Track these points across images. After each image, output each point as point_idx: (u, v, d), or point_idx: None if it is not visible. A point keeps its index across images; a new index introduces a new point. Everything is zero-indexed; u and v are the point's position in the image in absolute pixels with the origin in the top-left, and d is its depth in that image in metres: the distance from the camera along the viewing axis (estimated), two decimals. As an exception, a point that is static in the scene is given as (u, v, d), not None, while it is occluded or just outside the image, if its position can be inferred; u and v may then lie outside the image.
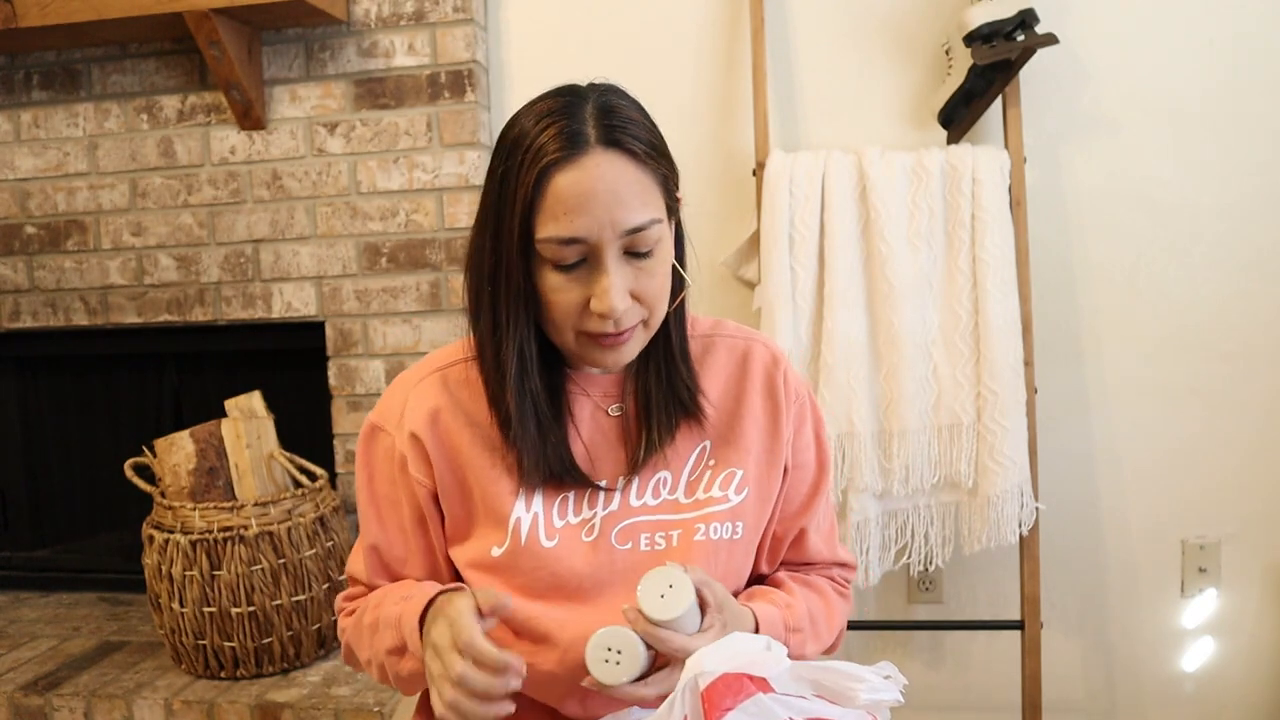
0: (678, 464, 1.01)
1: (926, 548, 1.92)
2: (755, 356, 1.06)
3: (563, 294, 0.90)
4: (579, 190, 0.86)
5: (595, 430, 1.01)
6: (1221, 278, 1.99)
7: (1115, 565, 2.08)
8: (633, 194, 0.88)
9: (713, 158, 2.11)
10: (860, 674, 0.87)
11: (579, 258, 0.89)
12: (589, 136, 0.87)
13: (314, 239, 2.17)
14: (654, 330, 0.96)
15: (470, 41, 2.07)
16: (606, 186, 0.87)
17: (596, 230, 0.87)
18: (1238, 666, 2.06)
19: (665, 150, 0.94)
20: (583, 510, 0.98)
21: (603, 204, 0.87)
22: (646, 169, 0.89)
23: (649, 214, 0.89)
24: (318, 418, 2.24)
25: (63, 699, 1.89)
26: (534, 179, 0.87)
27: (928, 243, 1.89)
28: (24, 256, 2.31)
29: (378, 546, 1.03)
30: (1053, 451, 2.03)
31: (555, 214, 0.87)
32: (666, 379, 1.00)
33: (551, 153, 0.87)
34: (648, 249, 0.90)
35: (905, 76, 2.03)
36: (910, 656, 2.14)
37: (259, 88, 2.14)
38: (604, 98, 0.91)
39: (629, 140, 0.88)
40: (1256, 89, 1.95)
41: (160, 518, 1.91)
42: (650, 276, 0.91)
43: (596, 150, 0.87)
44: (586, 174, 0.86)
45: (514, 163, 0.89)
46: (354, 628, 1.03)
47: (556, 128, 0.88)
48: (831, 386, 1.87)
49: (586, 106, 0.90)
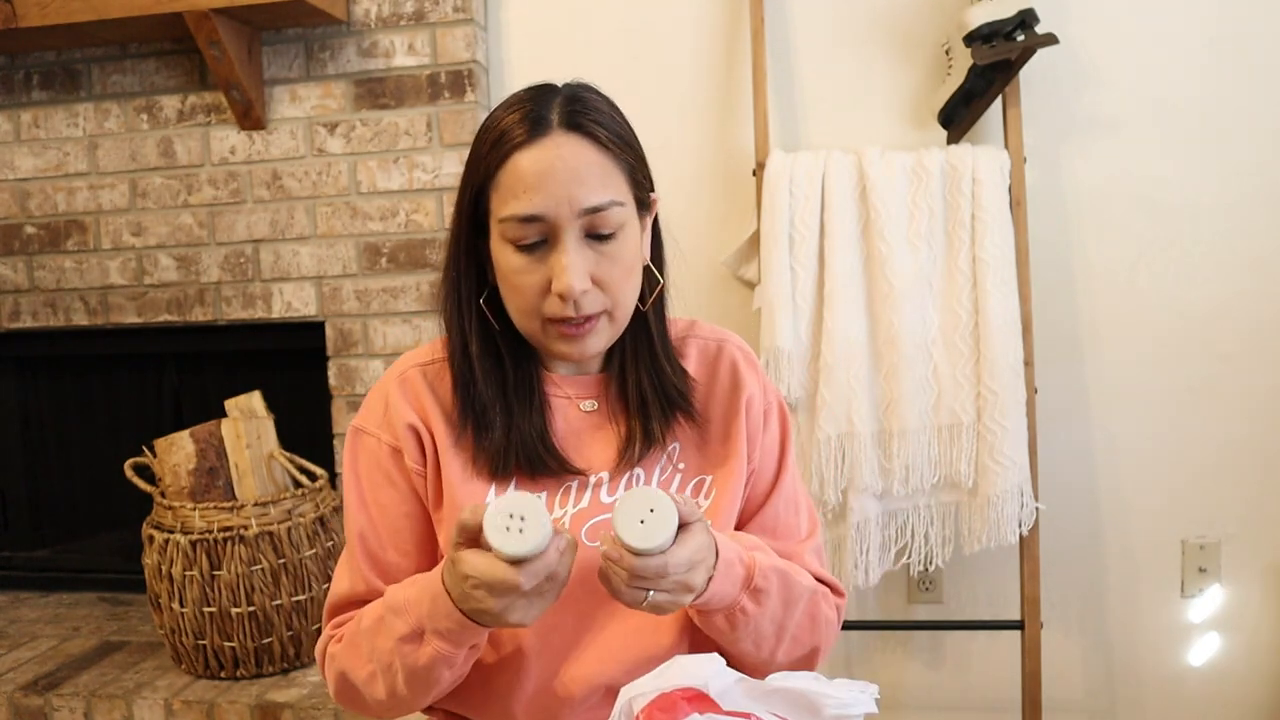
0: (651, 462, 1.00)
1: (926, 548, 1.92)
2: (725, 358, 1.05)
3: (525, 276, 0.91)
4: (538, 168, 0.88)
5: (568, 427, 1.00)
6: (1221, 278, 1.99)
7: (1115, 565, 2.08)
8: (592, 174, 0.89)
9: (713, 158, 2.11)
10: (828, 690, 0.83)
11: (539, 237, 0.90)
12: (551, 120, 0.90)
13: (314, 239, 2.17)
14: (621, 326, 0.96)
15: (470, 41, 2.07)
16: (565, 165, 0.88)
17: (554, 207, 0.88)
18: (1238, 667, 2.06)
19: (634, 143, 0.94)
20: (554, 508, 0.97)
21: (560, 181, 0.88)
22: (609, 154, 0.90)
23: (608, 195, 0.90)
24: (318, 418, 2.24)
25: (63, 699, 1.89)
26: (497, 160, 0.90)
27: (928, 243, 1.89)
28: (24, 256, 2.31)
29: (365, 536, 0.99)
30: (1053, 451, 2.03)
31: (515, 192, 0.89)
32: (657, 377, 1.00)
33: (515, 136, 0.89)
34: (609, 231, 0.90)
35: (905, 76, 2.03)
36: (910, 656, 2.14)
37: (259, 88, 2.14)
38: (574, 90, 0.94)
39: (591, 125, 0.90)
40: (1256, 89, 1.95)
41: (160, 518, 1.91)
42: (612, 262, 0.91)
43: (558, 132, 0.89)
44: (546, 153, 0.88)
45: (482, 149, 0.92)
46: (348, 642, 0.96)
47: (521, 113, 0.90)
48: (831, 386, 1.87)
49: (556, 97, 0.92)
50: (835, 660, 2.14)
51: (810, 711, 0.83)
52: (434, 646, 0.87)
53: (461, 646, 0.88)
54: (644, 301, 0.99)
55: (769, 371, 1.88)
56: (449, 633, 0.86)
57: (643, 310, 0.99)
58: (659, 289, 1.00)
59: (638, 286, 0.96)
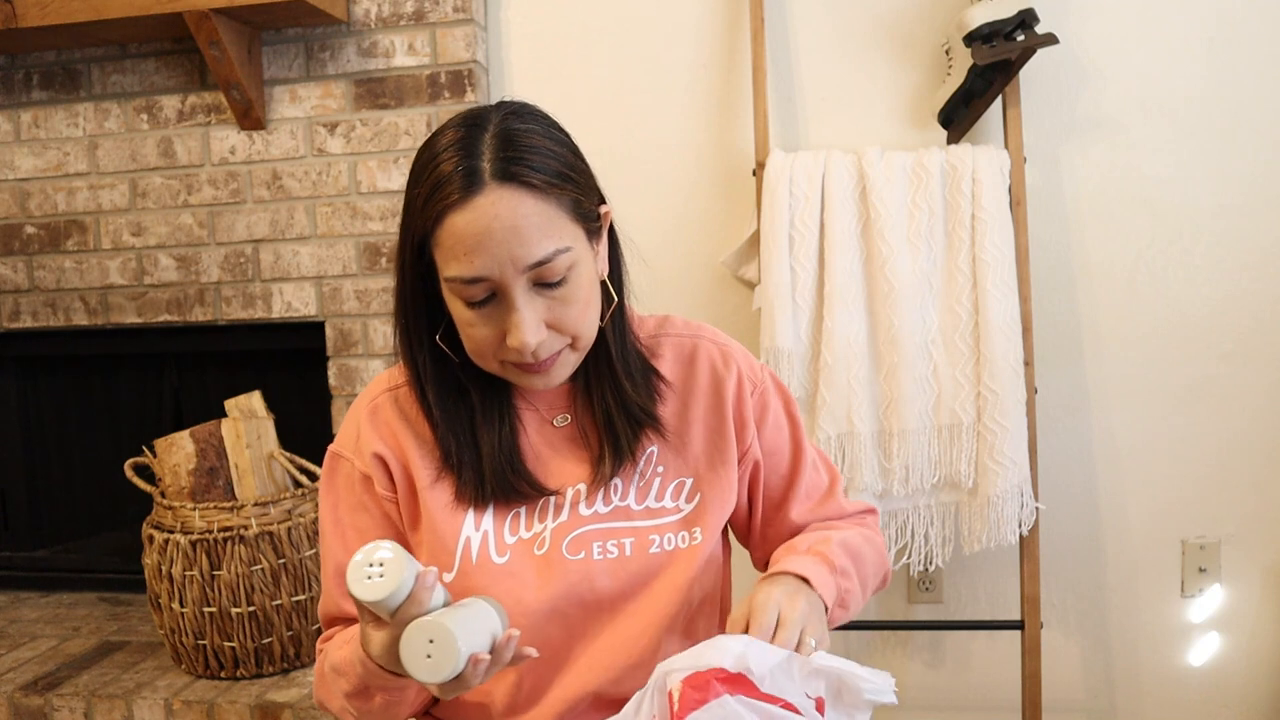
0: (629, 469, 0.99)
1: (926, 548, 1.92)
2: (701, 354, 1.04)
3: (477, 329, 0.90)
4: (474, 230, 0.85)
5: (542, 441, 1.00)
6: (1221, 278, 1.99)
7: (1115, 565, 2.08)
8: (531, 227, 0.86)
9: (713, 158, 2.11)
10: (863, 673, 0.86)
11: (487, 294, 0.88)
12: (483, 173, 0.85)
13: (314, 239, 2.17)
14: (585, 350, 0.95)
15: (470, 41, 2.07)
16: (502, 225, 0.85)
17: (497, 269, 0.86)
18: (1238, 667, 2.06)
19: (574, 169, 0.91)
20: (533, 525, 0.97)
21: (499, 242, 0.85)
22: (548, 199, 0.87)
23: (551, 245, 0.87)
24: (318, 418, 2.24)
25: (63, 699, 1.89)
26: (433, 218, 0.87)
27: (928, 243, 1.89)
28: (24, 256, 2.31)
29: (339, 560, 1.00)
30: (1053, 451, 2.03)
31: (456, 254, 0.86)
32: (617, 394, 0.98)
33: (448, 194, 0.86)
34: (558, 278, 0.88)
35: (905, 76, 2.03)
36: (910, 656, 2.14)
37: (259, 88, 2.14)
38: (506, 124, 0.89)
39: (525, 172, 0.86)
40: (1257, 89, 1.95)
41: (160, 518, 1.91)
42: (566, 305, 0.89)
43: (491, 187, 0.85)
44: (481, 214, 0.85)
45: (417, 201, 0.89)
46: (318, 675, 0.99)
47: (452, 163, 0.86)
48: (831, 386, 1.87)
49: (484, 137, 0.87)
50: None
51: (848, 693, 0.85)
52: (380, 697, 0.90)
53: (405, 690, 0.90)
54: (602, 318, 0.97)
55: (769, 371, 1.88)
56: (385, 684, 0.88)
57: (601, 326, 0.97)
58: (614, 305, 0.98)
59: (597, 311, 0.94)
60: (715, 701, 0.77)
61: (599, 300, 0.94)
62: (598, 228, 0.94)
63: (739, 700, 0.77)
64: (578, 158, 0.93)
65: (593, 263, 0.93)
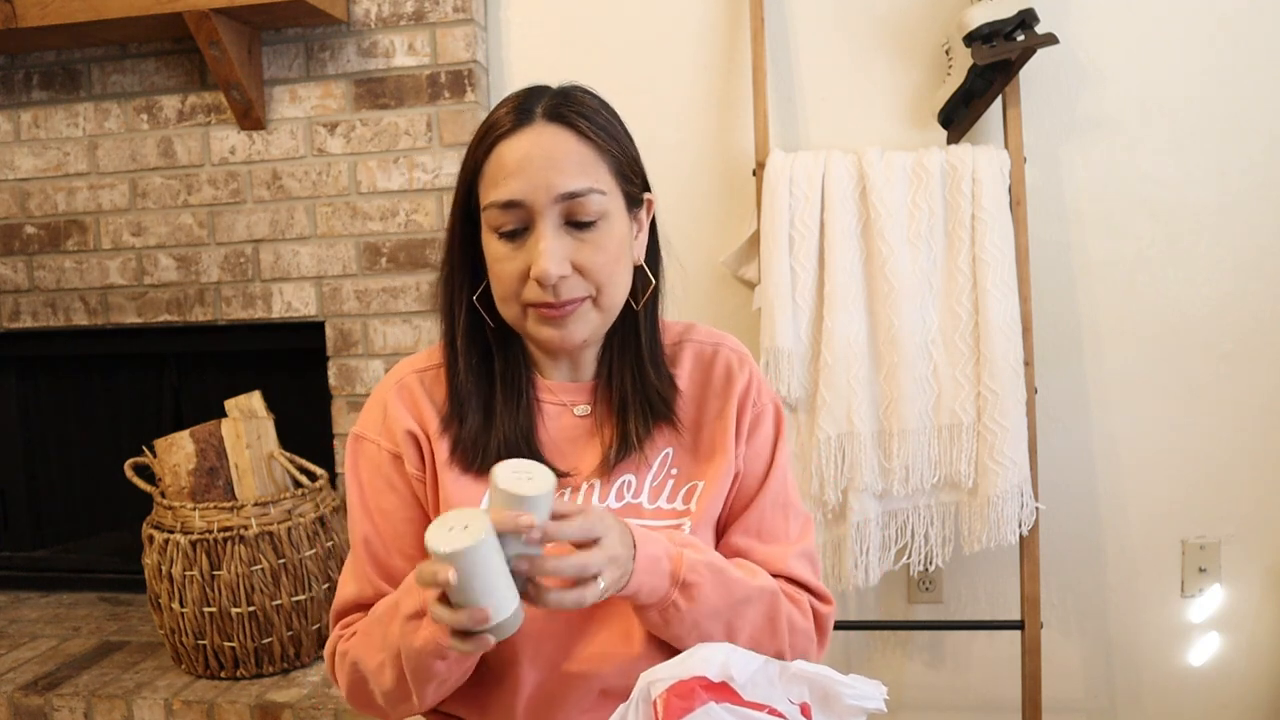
0: (644, 468, 1.00)
1: (926, 548, 1.92)
2: (720, 361, 1.04)
3: (506, 263, 0.93)
4: (518, 156, 0.91)
5: (560, 433, 1.00)
6: (1221, 278, 1.99)
7: (1115, 565, 2.08)
8: (570, 161, 0.91)
9: (713, 158, 2.11)
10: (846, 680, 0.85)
11: (519, 224, 0.92)
12: (536, 111, 0.92)
13: (314, 239, 2.17)
14: (609, 315, 0.96)
15: (470, 41, 2.07)
16: (543, 152, 0.90)
17: (531, 192, 0.90)
18: (1238, 666, 2.06)
19: (621, 139, 0.96)
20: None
21: (538, 168, 0.90)
22: (590, 144, 0.92)
23: (586, 182, 0.91)
24: (318, 418, 2.24)
25: (63, 699, 1.89)
26: (484, 151, 0.93)
27: (928, 243, 1.89)
28: (24, 256, 2.31)
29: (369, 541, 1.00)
30: (1053, 451, 2.03)
31: (496, 180, 0.91)
32: (640, 380, 0.99)
33: (501, 126, 0.92)
34: (589, 219, 0.92)
35: (905, 76, 2.03)
36: (910, 656, 2.14)
37: (259, 88, 2.14)
38: (566, 88, 0.96)
39: (574, 117, 0.92)
40: (1256, 89, 1.95)
41: (160, 518, 1.91)
42: (594, 250, 0.92)
43: (540, 122, 0.92)
44: (525, 141, 0.91)
45: (473, 140, 0.95)
46: (362, 632, 0.97)
47: (509, 107, 0.94)
48: (831, 386, 1.87)
49: (547, 92, 0.95)
50: (835, 660, 2.14)
51: (831, 699, 0.85)
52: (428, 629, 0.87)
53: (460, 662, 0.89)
54: (636, 300, 0.98)
55: (768, 371, 1.88)
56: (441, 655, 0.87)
57: (635, 309, 0.99)
58: (651, 289, 1.00)
59: (626, 277, 0.96)
60: (701, 709, 0.77)
61: (629, 264, 0.97)
62: (639, 201, 0.99)
63: (724, 708, 0.77)
64: (629, 138, 0.98)
65: (628, 226, 0.96)
